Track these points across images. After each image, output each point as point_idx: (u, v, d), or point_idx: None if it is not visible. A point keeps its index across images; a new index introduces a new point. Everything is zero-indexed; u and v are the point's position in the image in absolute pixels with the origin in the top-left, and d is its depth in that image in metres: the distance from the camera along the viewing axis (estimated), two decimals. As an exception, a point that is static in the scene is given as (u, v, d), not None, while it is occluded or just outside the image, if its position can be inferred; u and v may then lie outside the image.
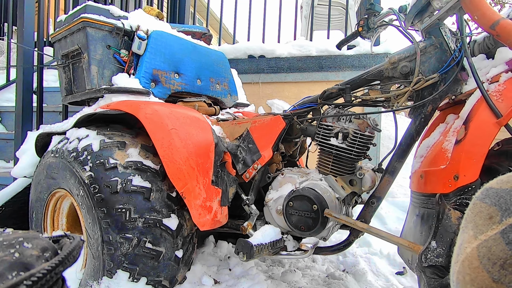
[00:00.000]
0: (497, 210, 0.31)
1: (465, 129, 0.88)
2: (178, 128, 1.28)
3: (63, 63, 1.67)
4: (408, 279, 1.57)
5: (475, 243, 0.31)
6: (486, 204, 0.33)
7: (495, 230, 0.30)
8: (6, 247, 0.26)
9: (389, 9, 1.31)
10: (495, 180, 0.34)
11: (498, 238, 0.29)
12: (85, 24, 1.47)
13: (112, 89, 1.47)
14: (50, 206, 1.46)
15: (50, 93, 2.64)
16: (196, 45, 1.82)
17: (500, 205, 0.31)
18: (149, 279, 1.18)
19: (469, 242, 0.32)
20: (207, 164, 1.30)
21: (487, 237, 0.30)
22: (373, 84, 1.25)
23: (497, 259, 0.28)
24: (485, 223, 0.32)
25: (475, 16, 0.94)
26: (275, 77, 2.68)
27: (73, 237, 0.32)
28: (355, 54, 2.50)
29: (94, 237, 1.19)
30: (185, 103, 1.65)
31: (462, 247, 0.32)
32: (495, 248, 0.29)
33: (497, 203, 0.32)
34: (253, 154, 1.34)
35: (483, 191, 0.34)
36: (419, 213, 0.99)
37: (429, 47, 1.11)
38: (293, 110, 1.37)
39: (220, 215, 1.28)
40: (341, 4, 3.69)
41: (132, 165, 1.22)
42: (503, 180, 0.33)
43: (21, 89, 1.97)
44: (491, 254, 0.29)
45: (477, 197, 0.34)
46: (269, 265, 1.66)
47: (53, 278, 0.25)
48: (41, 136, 1.60)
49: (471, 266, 0.30)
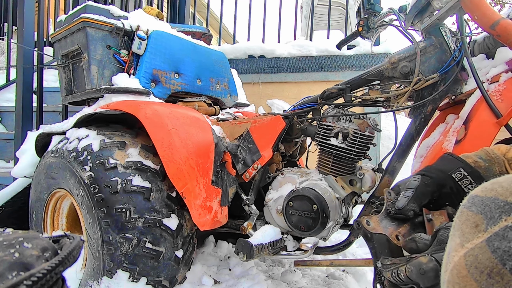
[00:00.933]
0: (483, 218, 0.31)
1: (465, 129, 0.88)
2: (178, 128, 1.28)
3: (63, 63, 1.67)
4: (408, 279, 1.57)
5: (462, 251, 0.31)
6: (472, 212, 0.33)
7: (480, 238, 0.30)
8: (6, 247, 0.26)
9: (389, 9, 1.31)
10: (480, 188, 0.34)
11: (484, 246, 0.29)
12: (85, 24, 1.47)
13: (112, 89, 1.47)
14: (50, 206, 1.46)
15: (50, 93, 2.64)
16: (196, 45, 1.82)
17: (486, 213, 0.31)
18: (149, 279, 1.18)
19: (456, 251, 0.32)
20: (207, 164, 1.30)
21: (473, 245, 0.30)
22: (373, 84, 1.25)
23: (484, 268, 0.28)
24: (471, 231, 0.32)
25: (475, 16, 0.94)
26: (275, 77, 2.68)
27: (73, 237, 0.32)
28: (355, 54, 2.50)
29: (94, 237, 1.19)
30: (185, 103, 1.65)
31: (450, 256, 0.33)
32: (481, 257, 0.29)
33: (483, 211, 0.32)
34: (253, 154, 1.34)
35: (469, 199, 0.34)
36: (419, 213, 0.99)
37: (429, 47, 1.11)
38: (293, 110, 1.37)
39: (220, 215, 1.27)
40: (341, 4, 3.69)
41: (132, 165, 1.22)
42: (487, 187, 0.33)
43: (21, 89, 1.97)
44: (478, 263, 0.29)
45: (463, 205, 0.35)
46: (269, 265, 1.66)
47: (53, 278, 0.25)
48: (41, 136, 1.60)
49: (460, 275, 0.30)
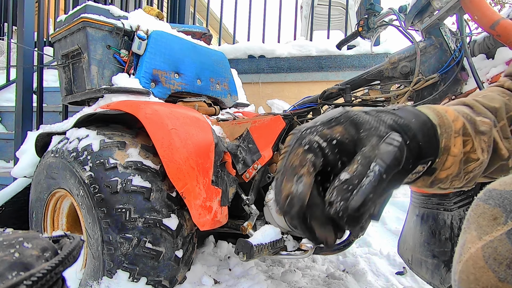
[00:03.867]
0: (501, 211, 0.31)
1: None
2: (178, 128, 1.28)
3: (63, 63, 1.67)
4: (408, 279, 1.57)
5: (480, 243, 0.31)
6: (489, 205, 0.33)
7: (500, 231, 0.30)
8: (6, 247, 0.26)
9: (389, 9, 1.31)
10: (497, 182, 0.34)
11: (504, 239, 0.29)
12: (85, 24, 1.47)
13: (112, 89, 1.47)
14: (50, 206, 1.46)
15: (50, 93, 2.64)
16: (196, 45, 1.82)
17: (504, 207, 0.31)
18: (149, 279, 1.18)
19: (473, 243, 0.32)
20: (207, 164, 1.30)
21: (493, 238, 0.30)
22: (373, 84, 1.25)
23: (503, 259, 0.29)
24: (489, 224, 0.32)
25: (475, 16, 0.94)
26: (275, 77, 2.68)
27: (73, 237, 0.32)
28: (355, 54, 2.50)
29: (94, 237, 1.19)
30: (185, 103, 1.65)
31: (465, 247, 0.33)
32: (501, 248, 0.29)
33: (501, 205, 0.32)
34: (253, 154, 1.34)
35: (486, 192, 0.34)
36: (419, 213, 0.99)
37: (429, 47, 1.11)
38: (293, 110, 1.37)
39: (220, 215, 1.27)
40: (341, 4, 3.69)
41: (132, 165, 1.22)
42: (506, 181, 0.33)
43: (21, 89, 1.97)
44: (497, 254, 0.29)
45: (479, 198, 0.34)
46: (269, 265, 1.66)
47: (53, 278, 0.25)
48: (41, 136, 1.60)
49: (476, 266, 0.30)
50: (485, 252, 0.30)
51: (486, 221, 0.32)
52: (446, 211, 0.91)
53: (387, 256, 1.77)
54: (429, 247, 0.94)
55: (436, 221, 0.93)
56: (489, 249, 0.30)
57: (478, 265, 0.30)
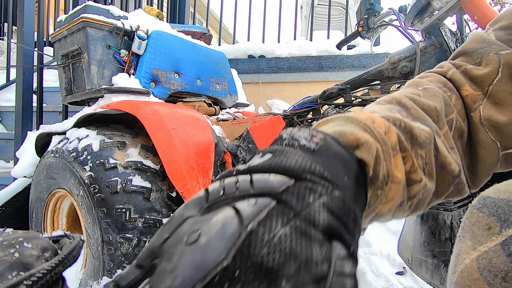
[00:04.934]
0: (496, 220, 0.31)
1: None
2: (178, 128, 1.28)
3: (63, 63, 1.67)
4: (408, 279, 1.57)
5: (474, 254, 0.30)
6: (483, 214, 0.32)
7: (494, 241, 0.30)
8: (6, 247, 0.26)
9: (389, 9, 1.31)
10: (491, 189, 0.33)
11: (499, 250, 0.29)
12: (85, 24, 1.47)
13: (112, 89, 1.47)
14: (50, 206, 1.46)
15: (50, 93, 2.64)
16: (196, 45, 1.82)
17: (499, 216, 0.30)
18: (149, 279, 1.18)
19: (468, 253, 0.31)
20: (207, 164, 1.30)
21: (487, 249, 0.30)
22: (373, 84, 1.25)
23: (498, 272, 0.28)
24: (483, 233, 0.31)
25: (475, 16, 0.95)
26: (275, 77, 2.68)
27: (73, 237, 0.32)
28: (355, 54, 2.50)
29: (94, 237, 1.19)
30: (185, 103, 1.65)
31: (460, 258, 0.32)
32: (495, 260, 0.28)
33: (495, 214, 0.31)
34: (253, 154, 1.34)
35: (480, 200, 0.33)
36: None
37: (429, 47, 1.11)
38: (293, 110, 1.37)
39: (220, 215, 1.27)
40: (341, 4, 3.69)
41: (132, 165, 1.22)
42: (500, 189, 0.32)
43: (21, 89, 1.97)
44: (492, 266, 0.28)
45: (473, 205, 0.33)
46: (269, 265, 1.66)
47: (53, 278, 0.25)
48: (41, 136, 1.60)
49: (471, 278, 0.30)
50: (479, 264, 0.29)
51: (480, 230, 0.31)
52: (446, 211, 0.91)
53: (387, 256, 1.77)
54: (429, 247, 0.94)
55: (436, 221, 0.93)
56: (484, 261, 0.29)
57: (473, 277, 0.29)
